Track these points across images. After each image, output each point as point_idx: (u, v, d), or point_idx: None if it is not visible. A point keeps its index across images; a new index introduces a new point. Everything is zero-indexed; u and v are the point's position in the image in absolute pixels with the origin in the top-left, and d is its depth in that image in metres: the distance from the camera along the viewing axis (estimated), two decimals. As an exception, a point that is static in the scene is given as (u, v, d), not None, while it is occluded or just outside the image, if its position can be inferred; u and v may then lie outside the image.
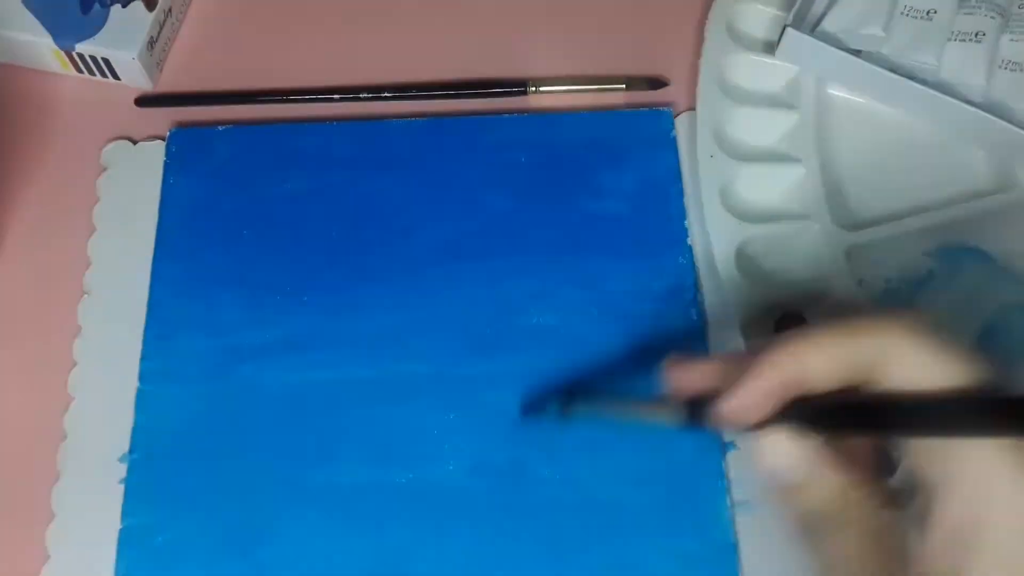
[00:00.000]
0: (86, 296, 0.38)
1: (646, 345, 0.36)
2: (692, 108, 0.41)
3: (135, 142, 0.41)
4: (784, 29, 0.39)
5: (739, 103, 0.41)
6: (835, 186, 0.40)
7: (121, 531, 0.33)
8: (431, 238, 0.38)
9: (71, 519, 0.34)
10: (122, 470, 0.35)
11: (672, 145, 0.40)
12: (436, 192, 0.39)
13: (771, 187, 0.39)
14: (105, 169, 0.40)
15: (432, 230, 0.38)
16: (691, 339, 0.36)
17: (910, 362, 0.20)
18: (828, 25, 0.41)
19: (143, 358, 0.36)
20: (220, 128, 0.40)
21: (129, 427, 0.35)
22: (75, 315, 0.37)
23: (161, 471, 0.34)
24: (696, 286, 0.37)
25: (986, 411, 0.19)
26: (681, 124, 0.41)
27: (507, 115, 0.41)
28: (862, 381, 0.22)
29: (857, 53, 0.40)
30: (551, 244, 0.38)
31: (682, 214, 0.39)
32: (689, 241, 0.38)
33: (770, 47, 0.41)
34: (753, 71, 0.41)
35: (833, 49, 0.39)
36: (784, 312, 0.37)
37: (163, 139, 0.40)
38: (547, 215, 0.39)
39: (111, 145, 0.41)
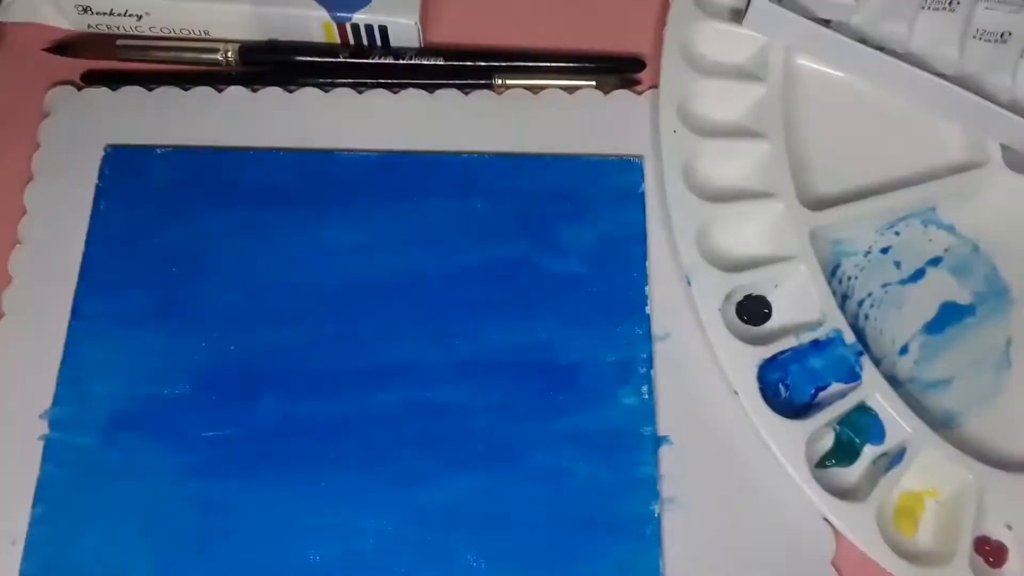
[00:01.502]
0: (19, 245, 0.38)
1: (592, 424, 0.35)
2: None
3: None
4: None
5: (704, 75, 0.39)
6: (801, 163, 0.38)
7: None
8: (372, 283, 0.37)
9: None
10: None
11: (640, 200, 0.38)
12: (383, 233, 0.38)
13: (735, 164, 0.38)
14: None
15: (373, 277, 0.37)
16: (639, 418, 0.35)
17: None
18: None
19: (55, 403, 0.35)
20: (158, 151, 0.39)
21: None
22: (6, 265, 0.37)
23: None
24: (650, 361, 0.36)
25: None
26: (644, 103, 0.41)
27: (465, 155, 0.39)
28: None
29: (827, 23, 0.39)
30: (501, 303, 0.36)
31: (643, 279, 0.37)
32: (647, 310, 0.37)
33: (737, 15, 0.40)
34: (719, 41, 0.40)
35: (802, 19, 0.38)
36: (747, 295, 0.36)
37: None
38: (501, 270, 0.37)
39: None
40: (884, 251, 0.37)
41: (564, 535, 0.33)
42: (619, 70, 0.41)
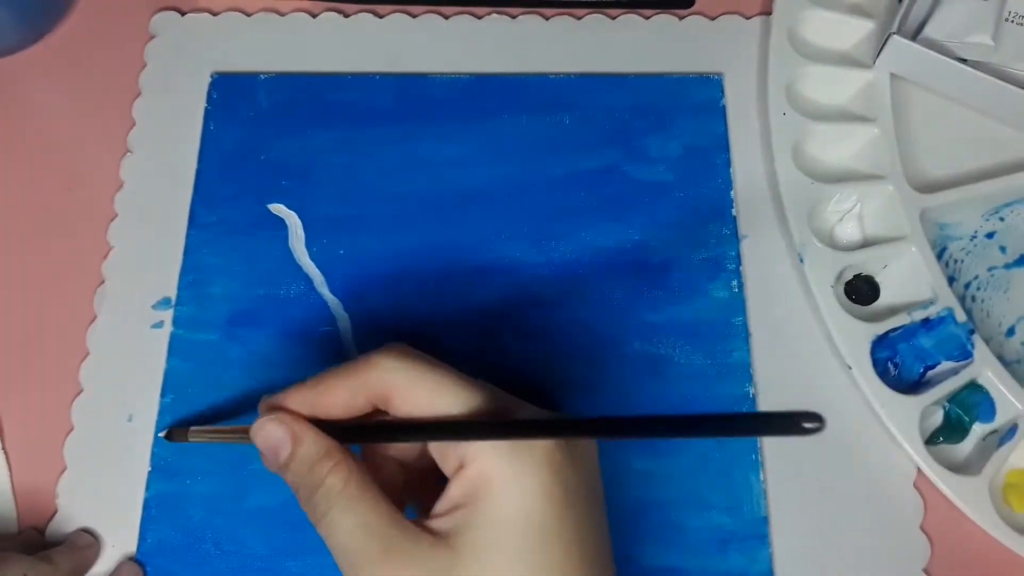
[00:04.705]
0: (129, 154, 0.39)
1: (686, 316, 0.36)
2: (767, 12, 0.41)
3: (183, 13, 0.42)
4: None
5: (811, 60, 0.39)
6: (909, 146, 0.38)
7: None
8: (469, 195, 0.38)
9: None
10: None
11: (721, 113, 0.39)
12: (477, 147, 0.38)
13: (844, 146, 0.38)
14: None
15: (470, 188, 0.38)
16: (731, 311, 0.36)
17: (405, 396, 0.26)
18: (931, 32, 0.39)
19: (177, 303, 0.36)
20: (262, 76, 0.40)
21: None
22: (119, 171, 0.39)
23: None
24: (738, 258, 0.37)
25: (465, 428, 0.25)
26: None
27: (551, 76, 0.40)
28: (381, 406, 0.26)
29: (963, 62, 0.38)
30: (594, 209, 0.37)
31: (728, 184, 0.38)
32: (733, 212, 0.37)
33: (840, 4, 0.40)
34: (826, 27, 0.40)
35: (941, 58, 0.37)
36: (856, 275, 0.36)
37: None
38: (591, 179, 0.38)
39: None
40: (989, 236, 0.37)
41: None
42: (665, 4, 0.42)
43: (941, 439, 0.34)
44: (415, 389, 0.25)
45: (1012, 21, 0.39)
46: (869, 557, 0.33)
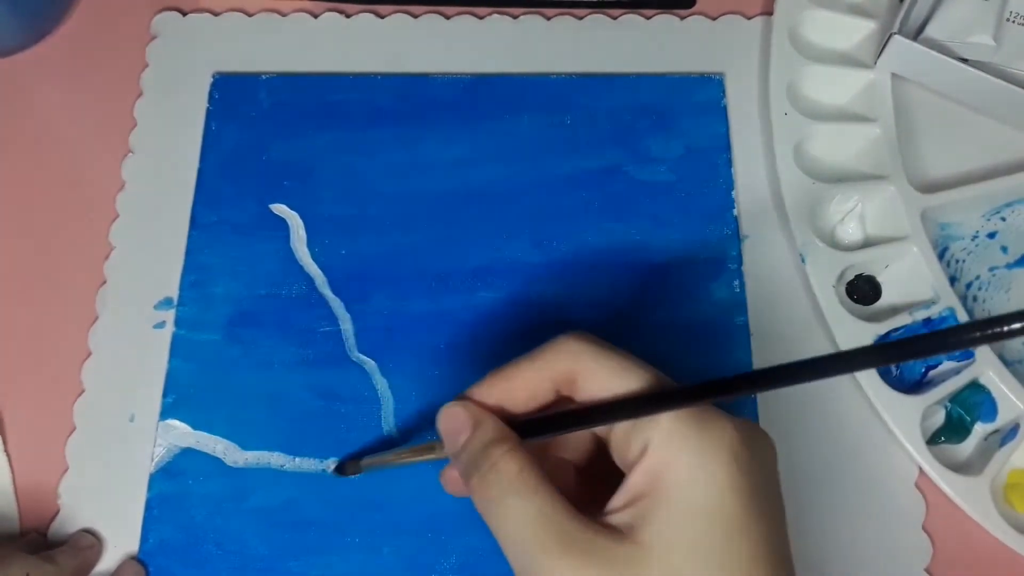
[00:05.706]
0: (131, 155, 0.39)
1: (687, 316, 0.36)
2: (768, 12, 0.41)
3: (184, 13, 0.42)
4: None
5: (812, 60, 0.39)
6: (910, 146, 0.39)
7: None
8: (470, 196, 0.38)
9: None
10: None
11: (722, 114, 0.39)
12: (479, 148, 0.39)
13: (845, 146, 0.38)
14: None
15: (472, 188, 0.38)
16: (732, 311, 0.36)
17: (591, 377, 0.25)
18: (933, 32, 0.39)
19: (179, 303, 0.36)
20: (263, 77, 0.40)
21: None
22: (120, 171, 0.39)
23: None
24: (740, 258, 0.37)
25: (645, 402, 0.24)
26: (754, 27, 0.42)
27: (553, 76, 0.40)
28: (566, 390, 0.26)
29: (964, 62, 0.38)
30: (595, 209, 0.37)
31: (729, 184, 0.38)
32: (735, 212, 0.37)
33: (841, 4, 0.40)
34: (828, 27, 0.40)
35: (943, 58, 0.37)
36: (858, 275, 0.36)
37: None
38: (592, 179, 0.38)
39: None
40: (991, 236, 0.37)
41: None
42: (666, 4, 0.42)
43: (943, 439, 0.34)
44: (600, 369, 0.25)
45: (1013, 21, 0.39)
46: (871, 557, 0.33)
